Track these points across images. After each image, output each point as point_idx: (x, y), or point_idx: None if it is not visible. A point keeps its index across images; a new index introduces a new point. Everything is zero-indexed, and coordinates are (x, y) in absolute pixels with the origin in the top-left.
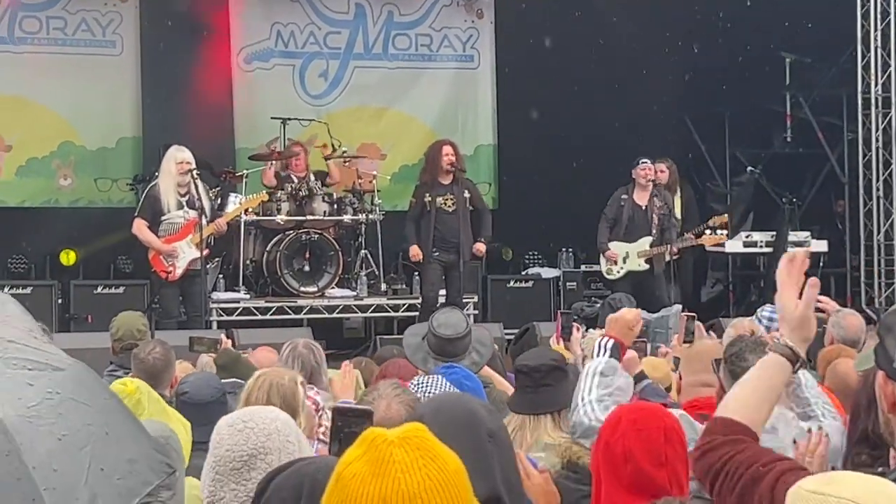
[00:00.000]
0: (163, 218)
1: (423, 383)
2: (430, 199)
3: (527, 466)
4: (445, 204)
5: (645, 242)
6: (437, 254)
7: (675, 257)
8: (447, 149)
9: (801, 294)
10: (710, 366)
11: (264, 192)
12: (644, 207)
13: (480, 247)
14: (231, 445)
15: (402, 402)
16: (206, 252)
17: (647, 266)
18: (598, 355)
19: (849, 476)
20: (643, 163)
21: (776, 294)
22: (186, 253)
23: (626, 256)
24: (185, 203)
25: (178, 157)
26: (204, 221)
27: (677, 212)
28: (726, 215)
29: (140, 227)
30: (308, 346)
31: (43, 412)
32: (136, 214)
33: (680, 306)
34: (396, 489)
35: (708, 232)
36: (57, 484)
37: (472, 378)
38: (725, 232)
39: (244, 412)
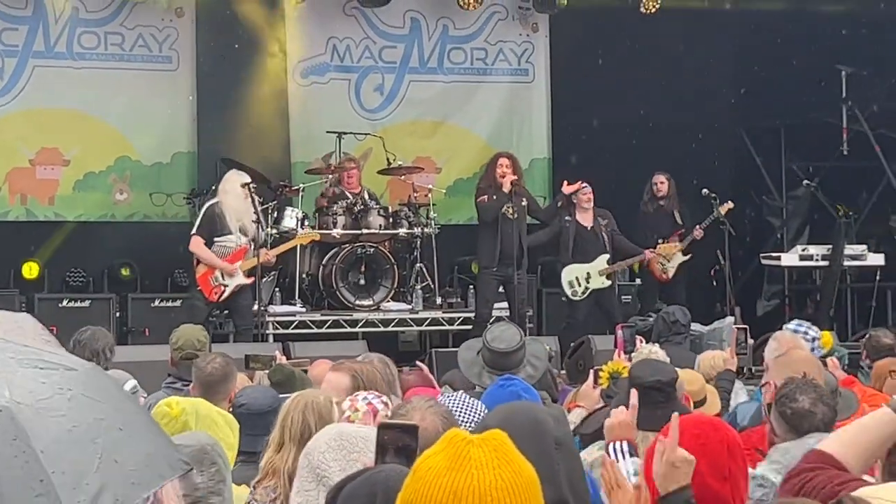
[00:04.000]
0: (216, 239)
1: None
2: (504, 209)
3: (620, 477)
4: (508, 213)
5: (603, 260)
6: (495, 269)
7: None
8: (502, 160)
9: None
10: (811, 373)
11: (315, 232)
12: (590, 228)
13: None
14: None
15: (436, 414)
16: (250, 280)
17: (608, 283)
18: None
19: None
20: (584, 186)
21: None
22: (235, 277)
23: (587, 276)
24: (238, 228)
25: (243, 181)
26: (251, 250)
27: (678, 218)
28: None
29: (198, 244)
30: (383, 361)
31: (54, 405)
32: (193, 231)
33: (732, 318)
34: (469, 484)
35: (660, 241)
36: (66, 468)
37: (530, 391)
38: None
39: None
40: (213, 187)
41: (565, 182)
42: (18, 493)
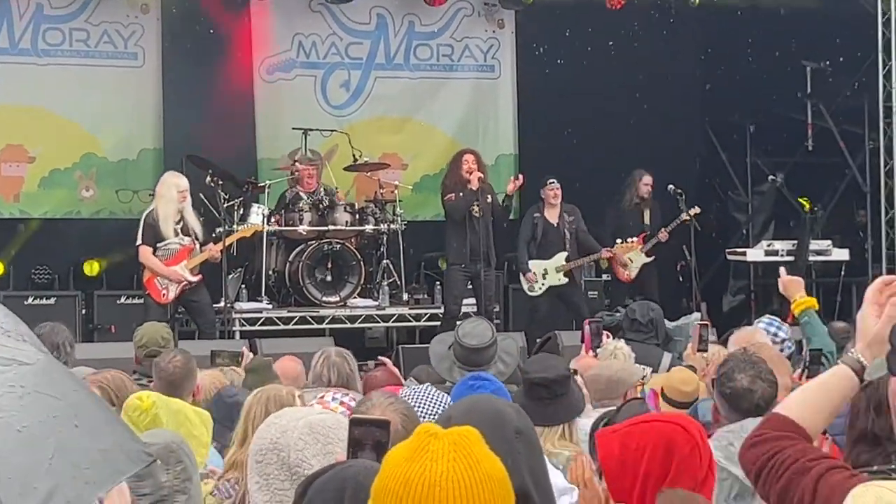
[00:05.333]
0: (159, 244)
1: (408, 395)
2: (471, 208)
3: (588, 475)
4: (474, 211)
5: (561, 258)
6: (463, 265)
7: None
8: (467, 157)
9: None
10: (777, 369)
11: (257, 224)
12: (556, 224)
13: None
14: (256, 439)
15: (395, 411)
16: (198, 277)
17: (566, 280)
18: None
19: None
20: (551, 182)
21: (860, 309)
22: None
23: (544, 273)
24: (179, 230)
25: (179, 185)
26: (198, 248)
27: (646, 219)
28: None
29: (146, 255)
30: (341, 355)
31: (4, 405)
32: (139, 242)
33: (698, 314)
34: (420, 474)
35: (619, 241)
36: (13, 473)
37: (501, 391)
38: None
39: (282, 411)
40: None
41: (511, 179)
42: None
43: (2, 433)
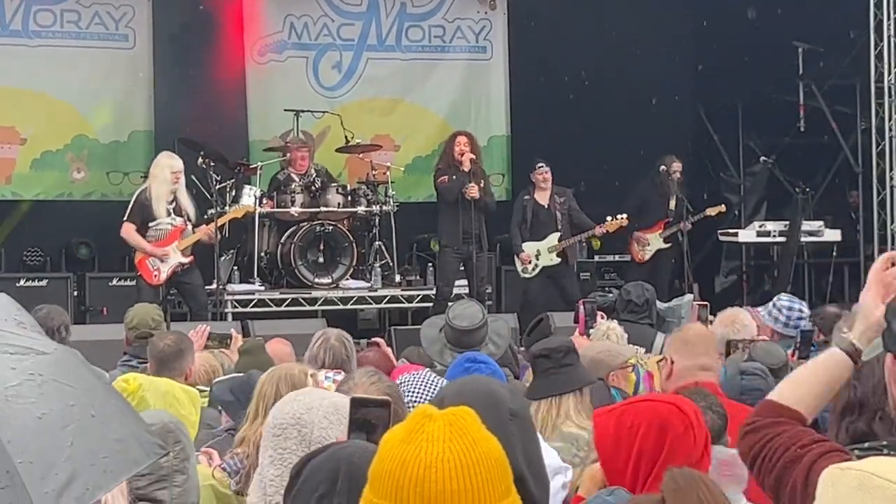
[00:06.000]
0: (151, 224)
1: (406, 381)
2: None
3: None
4: (467, 193)
5: (553, 238)
6: (456, 247)
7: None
8: (460, 139)
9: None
10: (708, 349)
11: (249, 205)
12: (546, 206)
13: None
14: (276, 414)
15: (378, 390)
16: (190, 259)
17: (559, 260)
18: None
19: (880, 458)
20: (539, 166)
21: (863, 290)
22: (172, 258)
23: (537, 254)
24: (171, 210)
25: (174, 166)
26: (190, 228)
27: (671, 205)
28: (722, 205)
29: (129, 231)
30: (340, 339)
31: (23, 392)
32: (125, 218)
33: (691, 296)
34: (415, 455)
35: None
36: (34, 458)
37: (497, 373)
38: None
39: (304, 389)
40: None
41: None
42: None
43: (23, 419)
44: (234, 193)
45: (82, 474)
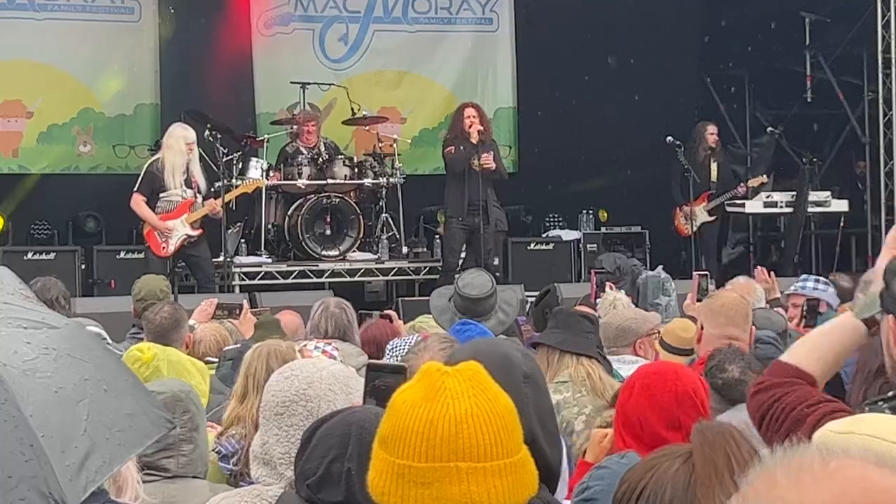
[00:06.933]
0: (161, 195)
1: (397, 346)
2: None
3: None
4: (473, 164)
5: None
6: (462, 218)
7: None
8: (469, 111)
9: None
10: (735, 319)
11: (258, 179)
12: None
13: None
14: (276, 391)
15: (445, 356)
16: (199, 232)
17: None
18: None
19: (873, 417)
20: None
21: (880, 255)
22: (180, 231)
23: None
24: (183, 182)
25: (187, 137)
26: (200, 201)
27: (713, 175)
28: (764, 176)
29: (138, 203)
30: (340, 306)
31: (39, 366)
32: (135, 189)
33: (661, 267)
34: (444, 413)
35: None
36: (55, 432)
37: (486, 334)
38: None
39: (296, 362)
40: (157, 141)
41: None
42: (8, 459)
43: (41, 394)
44: (240, 166)
45: (99, 448)
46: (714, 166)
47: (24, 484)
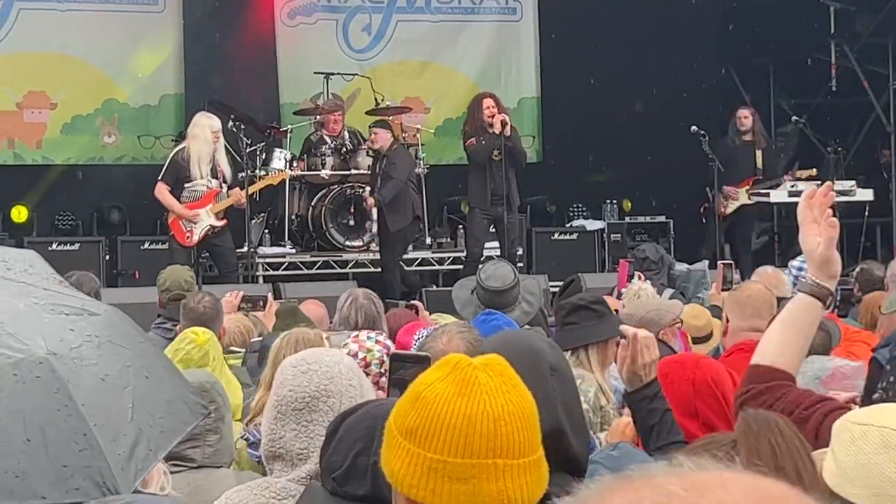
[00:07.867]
0: (186, 185)
1: (423, 336)
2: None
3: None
4: (494, 156)
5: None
6: (485, 209)
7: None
8: (487, 101)
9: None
10: (761, 311)
11: (283, 170)
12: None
13: None
14: (294, 386)
15: (462, 339)
16: (223, 222)
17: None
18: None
19: (889, 408)
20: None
21: (799, 233)
22: (205, 220)
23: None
24: (209, 172)
25: (213, 126)
26: (225, 191)
27: (759, 161)
28: (814, 169)
29: (162, 192)
30: (368, 297)
31: (84, 354)
32: (159, 178)
33: (707, 262)
34: (482, 409)
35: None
36: (105, 420)
37: (511, 324)
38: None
39: (309, 353)
40: (181, 132)
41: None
42: (63, 449)
43: (89, 381)
44: (264, 157)
45: (145, 435)
46: (759, 153)
47: (79, 473)
